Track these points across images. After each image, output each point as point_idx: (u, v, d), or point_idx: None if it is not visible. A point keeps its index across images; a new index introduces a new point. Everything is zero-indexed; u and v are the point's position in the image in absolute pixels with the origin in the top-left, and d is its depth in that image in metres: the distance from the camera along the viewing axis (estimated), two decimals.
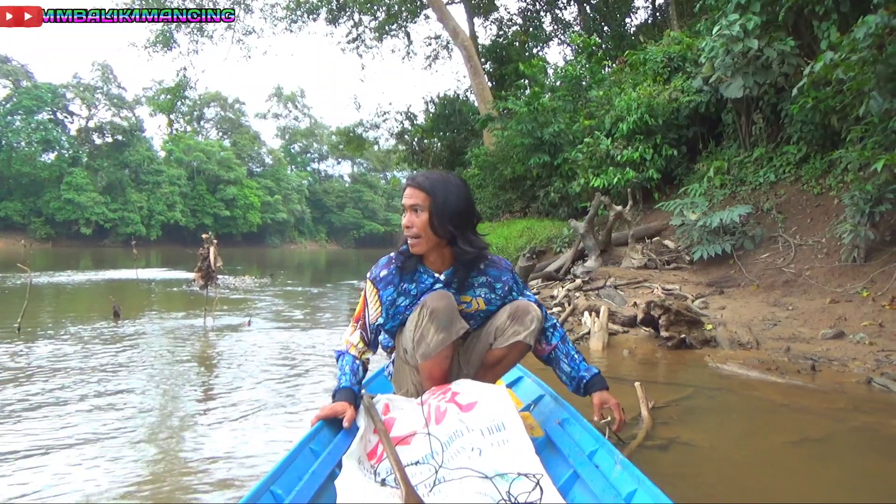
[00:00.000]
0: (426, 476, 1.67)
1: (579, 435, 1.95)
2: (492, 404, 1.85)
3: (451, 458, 1.71)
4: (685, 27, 14.22)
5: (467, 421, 1.81)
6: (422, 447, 1.78)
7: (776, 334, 5.06)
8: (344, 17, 22.93)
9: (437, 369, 2.06)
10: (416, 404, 1.98)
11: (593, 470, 1.73)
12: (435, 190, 2.03)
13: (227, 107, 75.16)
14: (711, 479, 2.33)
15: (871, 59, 5.24)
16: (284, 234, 74.72)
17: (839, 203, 6.99)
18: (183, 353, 4.91)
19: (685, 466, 2.44)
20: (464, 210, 2.07)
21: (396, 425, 1.91)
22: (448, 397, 1.92)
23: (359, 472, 1.76)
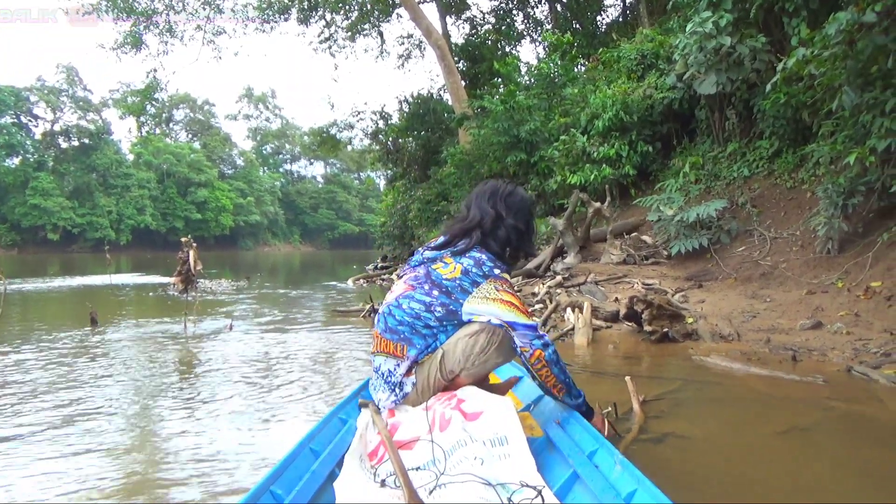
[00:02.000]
0: (427, 481, 1.66)
1: (579, 435, 1.96)
2: (496, 416, 1.85)
3: (453, 466, 1.70)
4: (656, 25, 14.39)
5: (471, 431, 1.80)
6: (424, 453, 1.78)
7: (756, 326, 5.15)
8: (315, 16, 22.75)
9: (476, 382, 2.12)
10: (421, 409, 1.97)
11: (593, 470, 1.73)
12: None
13: (196, 108, 74.26)
14: (708, 470, 2.36)
15: (842, 54, 5.36)
16: (258, 237, 74.04)
17: (812, 196, 7.14)
18: (165, 360, 4.82)
19: (681, 459, 2.47)
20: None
21: (401, 429, 1.91)
22: (454, 404, 1.91)
23: (359, 472, 1.76)
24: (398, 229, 21.80)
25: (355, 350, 5.25)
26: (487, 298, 2.04)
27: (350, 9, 22.98)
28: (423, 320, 2.09)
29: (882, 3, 4.99)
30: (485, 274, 2.08)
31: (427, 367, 2.08)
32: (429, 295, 2.10)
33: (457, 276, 2.08)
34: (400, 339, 2.11)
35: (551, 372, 2.02)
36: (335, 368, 4.48)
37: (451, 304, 2.08)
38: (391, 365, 2.13)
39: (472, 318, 2.07)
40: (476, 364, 2.05)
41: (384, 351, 2.15)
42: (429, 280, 2.13)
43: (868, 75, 5.43)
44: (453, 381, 2.09)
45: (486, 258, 2.12)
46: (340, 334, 5.98)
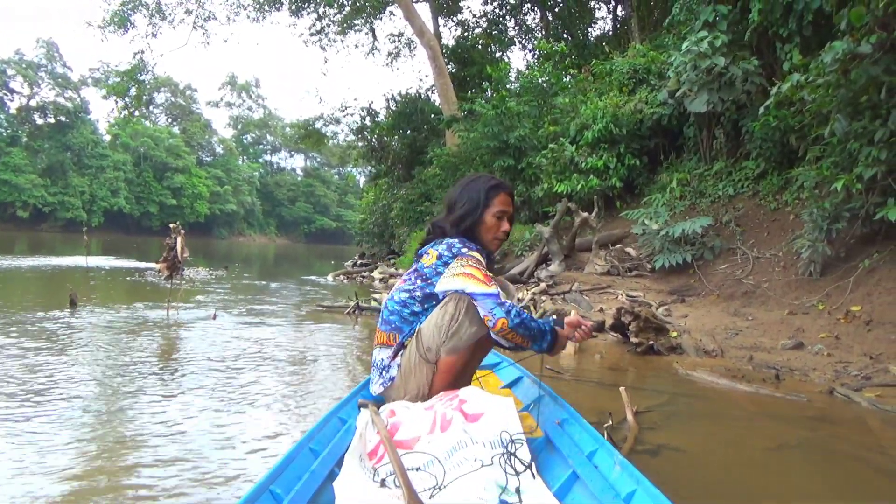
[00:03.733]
0: (427, 482, 1.66)
1: (579, 435, 1.97)
2: (498, 418, 1.85)
3: (453, 467, 1.70)
4: (647, 40, 14.58)
5: (471, 432, 1.80)
6: (424, 454, 1.77)
7: (738, 343, 5.24)
8: (308, 8, 22.61)
9: (461, 362, 2.12)
10: (423, 409, 1.96)
11: (592, 470, 1.74)
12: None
13: (178, 93, 73.26)
14: (705, 484, 2.40)
15: (835, 83, 5.49)
16: (233, 226, 73.23)
17: (795, 219, 7.29)
18: (149, 346, 4.74)
19: (678, 472, 2.50)
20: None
21: (401, 429, 1.89)
22: (455, 405, 1.91)
23: (359, 471, 1.75)
24: (378, 227, 21.77)
25: (342, 347, 5.24)
26: (454, 275, 2.09)
27: (343, 3, 22.88)
28: (408, 307, 2.20)
29: (877, 36, 5.13)
30: (454, 254, 2.14)
31: (409, 349, 2.14)
32: (413, 284, 2.22)
33: (433, 262, 2.16)
34: (392, 329, 2.21)
35: (517, 334, 2.02)
36: (323, 366, 4.45)
37: (426, 288, 2.17)
38: (384, 354, 2.21)
39: (444, 295, 2.13)
40: (450, 335, 2.05)
41: (380, 342, 2.25)
42: (415, 271, 2.24)
43: (858, 104, 5.57)
44: (437, 363, 2.10)
45: (458, 241, 2.17)
46: (325, 330, 5.95)
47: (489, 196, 2.26)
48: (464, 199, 2.27)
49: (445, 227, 2.26)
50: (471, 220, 2.25)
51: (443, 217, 2.33)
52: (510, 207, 2.32)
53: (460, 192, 2.31)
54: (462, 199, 2.28)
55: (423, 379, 2.11)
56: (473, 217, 2.25)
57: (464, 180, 2.40)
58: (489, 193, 2.27)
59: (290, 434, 2.77)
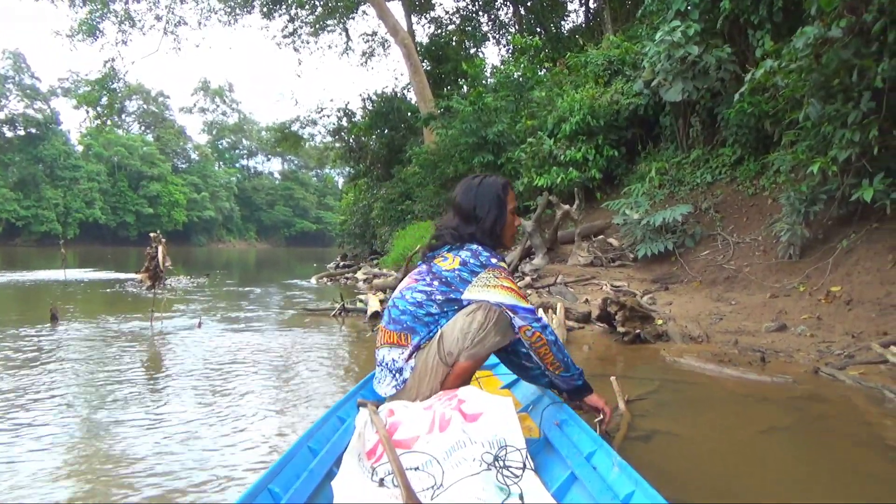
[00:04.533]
0: (425, 482, 1.67)
1: (577, 436, 1.97)
2: (496, 418, 1.86)
3: (452, 468, 1.70)
4: (620, 31, 14.67)
5: (470, 432, 1.80)
6: (423, 454, 1.77)
7: (723, 328, 5.30)
8: (280, 10, 22.43)
9: (476, 368, 2.14)
10: (422, 409, 1.96)
11: (591, 471, 1.75)
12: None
13: (150, 100, 72.30)
14: (699, 468, 2.42)
15: (808, 67, 5.56)
16: (211, 233, 72.58)
17: (772, 203, 7.39)
18: (136, 359, 4.67)
19: (671, 457, 2.53)
20: None
21: (400, 429, 1.89)
22: (454, 405, 1.91)
23: (358, 471, 1.75)
24: (359, 228, 21.72)
25: (329, 351, 5.21)
26: (488, 286, 2.11)
27: (316, 4, 22.72)
28: (424, 308, 2.17)
29: (846, 20, 5.21)
30: (482, 264, 2.15)
31: (426, 351, 2.14)
32: (430, 286, 2.19)
33: (456, 267, 2.16)
34: (403, 329, 2.18)
35: (550, 351, 2.11)
36: (312, 370, 4.41)
37: (451, 293, 2.16)
38: (395, 354, 2.18)
39: (471, 303, 2.14)
40: (475, 342, 2.08)
41: (388, 342, 2.21)
42: (430, 272, 2.22)
43: (830, 88, 5.64)
44: (453, 366, 2.11)
45: (483, 249, 2.19)
46: (312, 334, 5.91)
47: (506, 195, 2.30)
48: (485, 205, 2.27)
49: (474, 234, 2.24)
50: (500, 225, 2.27)
51: (457, 223, 2.29)
52: (515, 202, 2.38)
53: (475, 197, 2.29)
54: (483, 205, 2.27)
55: (437, 382, 2.12)
56: (502, 221, 2.27)
57: (469, 184, 2.36)
58: (505, 192, 2.30)
59: (283, 442, 2.74)
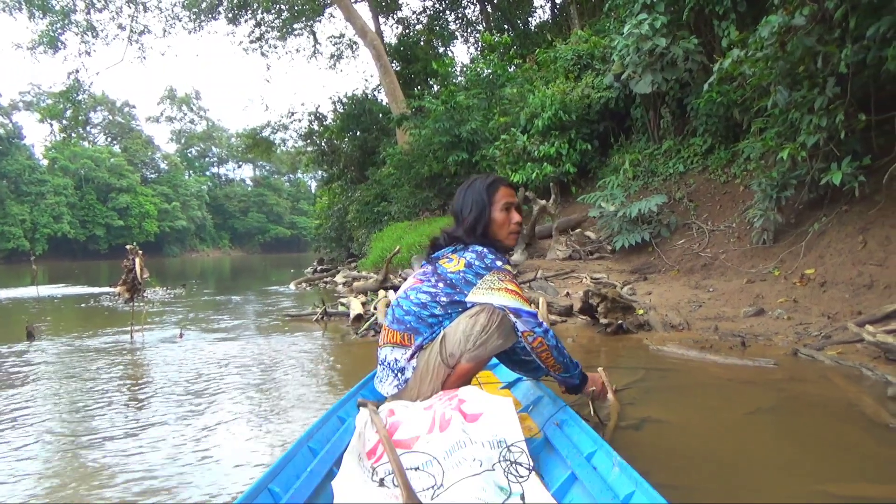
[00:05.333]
0: (425, 481, 1.67)
1: (577, 436, 1.97)
2: (497, 418, 1.86)
3: (452, 468, 1.71)
4: (587, 26, 14.79)
5: (470, 432, 1.81)
6: (423, 454, 1.77)
7: (703, 315, 5.39)
8: (246, 15, 22.19)
9: (477, 370, 2.16)
10: (422, 408, 1.97)
11: (591, 471, 1.75)
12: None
13: (115, 111, 71.05)
14: (688, 452, 2.47)
15: (773, 55, 5.67)
16: (184, 242, 71.60)
17: (744, 190, 7.52)
18: (118, 373, 4.59)
19: (661, 443, 2.58)
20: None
21: (401, 429, 1.89)
22: (454, 405, 1.92)
23: (358, 470, 1.75)
24: (335, 231, 21.59)
25: (314, 356, 5.18)
26: (492, 289, 2.12)
27: (282, 8, 22.52)
28: (428, 309, 2.17)
29: (809, 8, 5.32)
30: (487, 266, 2.15)
31: (428, 351, 2.14)
32: (434, 287, 2.18)
33: (461, 269, 2.16)
34: (407, 329, 2.18)
35: (552, 355, 2.13)
36: (298, 377, 4.38)
37: (455, 295, 2.16)
38: (398, 354, 2.18)
39: (475, 305, 2.14)
40: (477, 344, 2.08)
41: (391, 342, 2.21)
42: (435, 274, 2.22)
43: (796, 75, 5.76)
44: (455, 367, 2.12)
45: (488, 251, 2.19)
46: (295, 340, 5.87)
47: (490, 193, 2.29)
48: (468, 205, 2.28)
49: (460, 235, 2.26)
50: (482, 223, 2.26)
51: (453, 227, 2.32)
52: (514, 198, 2.35)
53: (462, 199, 2.32)
54: (467, 205, 2.29)
55: (438, 382, 2.12)
56: (484, 219, 2.26)
57: (462, 187, 2.39)
58: (489, 190, 2.29)
59: (272, 452, 2.73)
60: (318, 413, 3.24)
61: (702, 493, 2.06)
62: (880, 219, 5.36)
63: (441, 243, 2.31)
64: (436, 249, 2.32)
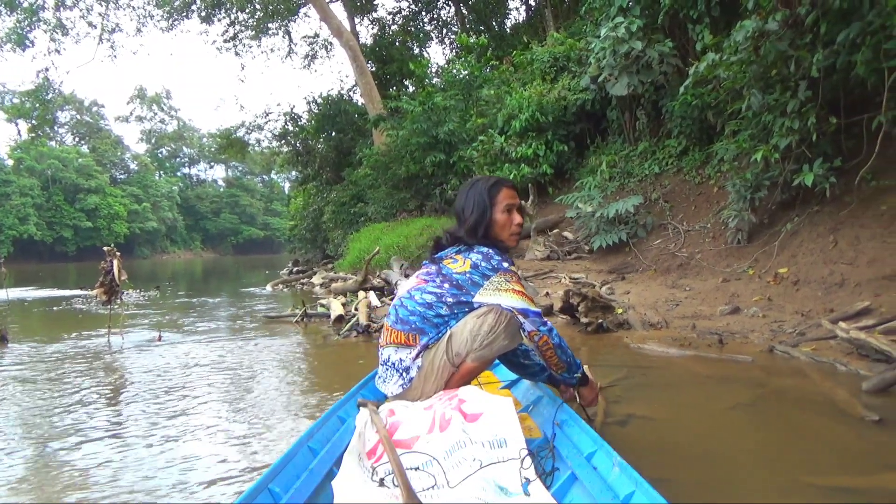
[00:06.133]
0: (425, 481, 1.68)
1: (577, 436, 1.97)
2: (497, 418, 1.86)
3: (452, 468, 1.71)
4: (562, 28, 14.93)
5: (470, 432, 1.81)
6: (423, 454, 1.77)
7: (680, 313, 5.49)
8: (219, 14, 21.93)
9: (481, 370, 2.16)
10: (422, 408, 1.97)
11: (591, 471, 1.74)
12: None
13: (83, 110, 69.59)
14: (674, 446, 2.53)
15: (748, 59, 5.80)
16: (155, 244, 70.41)
17: (718, 191, 7.68)
18: (96, 377, 4.50)
19: (648, 438, 2.64)
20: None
21: (401, 429, 1.89)
22: (454, 405, 1.92)
23: (358, 470, 1.75)
24: (310, 232, 21.46)
25: (295, 357, 5.17)
26: (500, 290, 2.13)
27: (256, 7, 22.29)
28: (434, 310, 2.16)
29: (782, 13, 5.46)
30: (494, 267, 2.16)
31: (434, 351, 2.14)
32: (440, 288, 2.18)
33: (467, 270, 2.16)
34: (412, 329, 2.17)
35: (555, 354, 2.16)
36: (282, 380, 4.37)
37: (462, 296, 2.16)
38: (403, 354, 2.17)
39: (482, 306, 2.15)
40: (484, 345, 2.08)
41: (395, 342, 2.20)
42: (440, 274, 2.21)
43: (769, 79, 5.90)
44: (459, 367, 2.12)
45: (494, 252, 2.19)
46: (276, 341, 5.84)
47: (492, 194, 2.28)
48: (470, 206, 2.28)
49: (461, 236, 2.26)
50: (484, 223, 2.26)
51: (454, 227, 2.33)
52: (516, 199, 2.34)
53: (464, 199, 2.32)
54: (468, 207, 2.28)
55: (442, 381, 2.12)
56: (485, 220, 2.26)
57: (464, 188, 2.39)
58: (491, 192, 2.29)
59: (259, 458, 2.72)
60: (305, 415, 3.25)
61: (690, 486, 2.11)
62: (850, 219, 5.52)
63: (443, 243, 2.32)
64: (438, 249, 2.33)
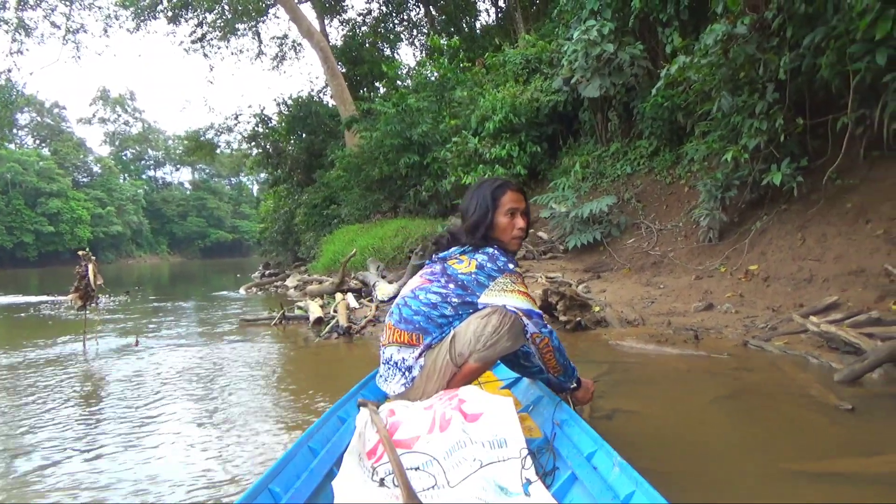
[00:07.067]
0: (425, 481, 1.68)
1: (577, 436, 1.97)
2: (497, 418, 1.87)
3: (452, 468, 1.72)
4: (531, 29, 15.08)
5: (471, 432, 1.82)
6: (423, 454, 1.77)
7: (656, 311, 5.62)
8: (187, 15, 21.61)
9: (484, 370, 2.18)
10: (422, 408, 1.96)
11: (591, 471, 1.74)
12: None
13: (44, 112, 67.88)
14: (660, 439, 2.62)
15: (717, 62, 5.96)
16: (120, 248, 68.92)
17: (689, 190, 7.85)
18: (73, 385, 4.43)
19: (634, 431, 2.72)
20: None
21: (401, 429, 1.89)
22: (454, 404, 1.92)
23: (358, 470, 1.76)
24: (282, 235, 21.29)
25: (281, 359, 5.16)
26: (505, 291, 2.13)
27: (224, 8, 22.01)
28: (439, 310, 2.16)
29: (750, 17, 5.63)
30: (500, 269, 2.16)
31: (437, 350, 2.14)
32: (445, 288, 2.18)
33: (472, 271, 2.16)
34: (415, 329, 2.17)
35: (554, 357, 2.19)
36: (263, 383, 4.37)
37: (467, 296, 2.16)
38: (406, 353, 2.16)
39: (487, 307, 2.15)
40: (487, 345, 2.08)
41: (398, 341, 2.19)
42: (445, 274, 2.20)
43: (738, 81, 6.07)
44: (462, 367, 2.12)
45: (499, 253, 2.20)
46: (258, 344, 5.81)
47: (496, 197, 2.26)
48: (473, 206, 2.28)
49: (461, 235, 2.27)
50: (484, 225, 2.24)
51: (458, 227, 2.34)
52: (521, 203, 2.31)
53: (469, 200, 2.32)
54: (471, 207, 2.28)
55: (444, 381, 2.12)
56: (486, 222, 2.24)
57: (472, 188, 2.39)
58: (495, 194, 2.27)
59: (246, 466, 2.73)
60: (303, 418, 3.26)
61: (676, 475, 2.18)
62: (817, 217, 5.71)
63: (444, 243, 2.32)
64: (440, 248, 2.32)
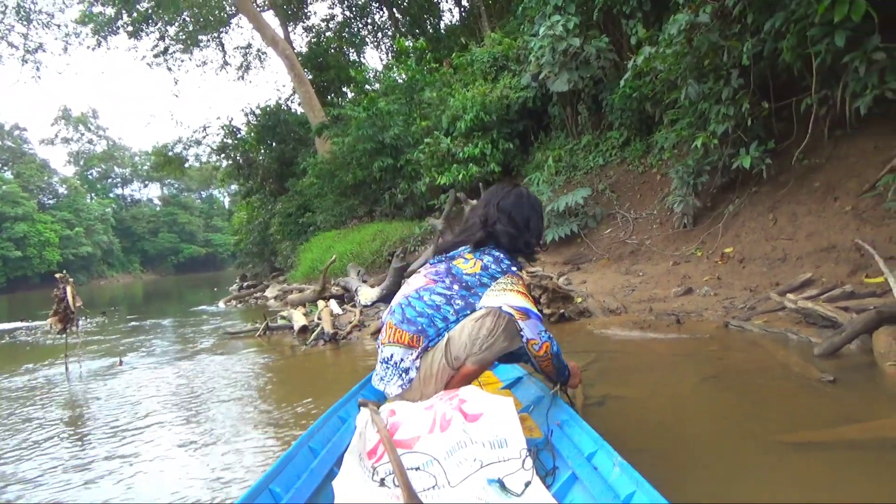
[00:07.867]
0: (426, 481, 1.69)
1: (578, 436, 1.97)
2: (497, 418, 1.87)
3: (452, 468, 1.72)
4: (497, 27, 15.16)
5: (471, 432, 1.82)
6: (423, 454, 1.77)
7: (637, 298, 5.71)
8: (148, 29, 21.31)
9: (481, 372, 2.22)
10: (423, 408, 1.96)
11: (592, 471, 1.74)
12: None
13: (4, 135, 66.38)
14: (651, 422, 2.69)
15: (682, 51, 6.08)
16: (91, 269, 67.57)
17: (661, 178, 7.98)
18: (58, 410, 4.36)
19: (626, 416, 2.79)
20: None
21: (401, 429, 1.89)
22: (455, 404, 1.91)
23: (358, 470, 1.77)
24: (257, 246, 21.14)
25: (269, 369, 5.14)
26: (505, 290, 2.13)
27: (185, 20, 21.73)
28: (441, 312, 2.16)
29: (711, 6, 5.75)
30: (503, 270, 2.19)
31: (433, 353, 2.13)
32: (449, 289, 2.19)
33: (477, 272, 2.18)
34: (417, 331, 2.15)
35: (552, 362, 2.18)
36: (253, 392, 4.36)
37: (469, 298, 2.17)
38: (404, 355, 2.15)
39: (482, 308, 2.15)
40: (483, 348, 2.10)
41: (398, 341, 2.17)
42: (449, 274, 2.22)
43: (703, 69, 6.19)
44: (459, 369, 2.13)
45: (504, 255, 2.23)
46: (245, 356, 5.76)
47: (542, 215, 2.48)
48: (534, 218, 2.40)
49: (529, 240, 2.37)
50: (537, 239, 2.43)
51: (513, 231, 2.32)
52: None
53: (528, 209, 2.39)
54: (534, 218, 2.40)
55: (442, 384, 2.13)
56: (540, 237, 2.45)
57: (523, 198, 2.42)
58: (542, 214, 2.49)
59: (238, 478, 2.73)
60: (299, 423, 3.26)
61: (671, 455, 2.25)
62: (787, 197, 5.85)
63: (480, 238, 2.30)
64: (443, 247, 2.37)
